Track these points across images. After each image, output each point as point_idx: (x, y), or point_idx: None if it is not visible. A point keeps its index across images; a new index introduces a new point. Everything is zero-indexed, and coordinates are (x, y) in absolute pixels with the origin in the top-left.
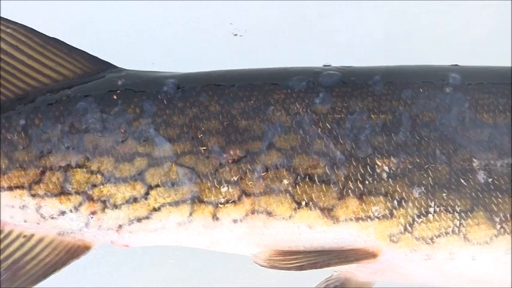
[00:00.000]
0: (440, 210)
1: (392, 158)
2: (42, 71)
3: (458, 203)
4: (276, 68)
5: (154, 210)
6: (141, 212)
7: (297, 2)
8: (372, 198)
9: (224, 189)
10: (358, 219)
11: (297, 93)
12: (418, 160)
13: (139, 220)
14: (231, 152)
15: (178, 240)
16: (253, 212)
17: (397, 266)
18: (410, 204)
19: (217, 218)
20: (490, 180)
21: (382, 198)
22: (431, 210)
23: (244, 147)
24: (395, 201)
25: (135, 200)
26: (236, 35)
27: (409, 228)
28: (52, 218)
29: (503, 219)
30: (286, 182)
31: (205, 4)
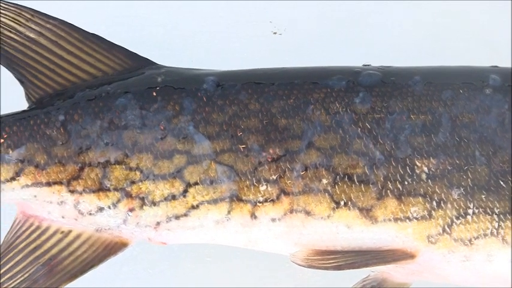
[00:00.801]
0: (479, 212)
1: (431, 159)
2: (82, 66)
3: (497, 205)
4: (316, 67)
5: (193, 208)
6: (179, 210)
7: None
8: (411, 199)
9: (263, 187)
10: (396, 220)
11: (336, 93)
12: (457, 161)
13: (177, 217)
14: (271, 151)
15: (216, 238)
16: (291, 211)
17: (435, 267)
18: (449, 205)
19: (256, 217)
20: None
21: (421, 199)
22: (470, 211)
23: (283, 146)
24: (434, 202)
25: (174, 198)
26: (276, 33)
27: (447, 229)
28: (90, 214)
29: None
30: (325, 181)
31: (245, 2)
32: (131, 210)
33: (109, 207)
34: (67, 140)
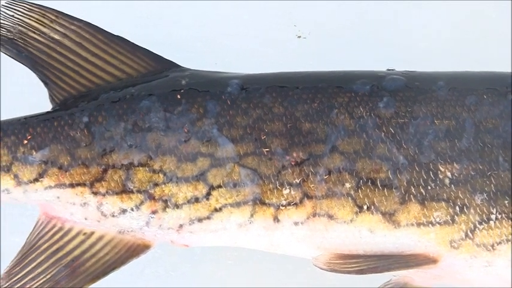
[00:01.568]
0: (501, 217)
1: (455, 164)
2: (106, 68)
3: None
4: (340, 71)
5: (216, 210)
6: (202, 212)
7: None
8: (434, 203)
9: (286, 191)
10: (419, 225)
11: (360, 97)
12: (480, 167)
13: (200, 220)
14: (294, 154)
15: (238, 241)
16: (314, 215)
17: (457, 272)
18: (472, 210)
19: (278, 220)
20: None
21: (444, 204)
22: (492, 217)
23: (307, 150)
24: (457, 207)
25: (197, 200)
26: (300, 37)
27: (470, 234)
28: (113, 216)
29: None
30: (348, 185)
31: (270, 6)
32: (154, 212)
33: (132, 209)
34: (91, 142)
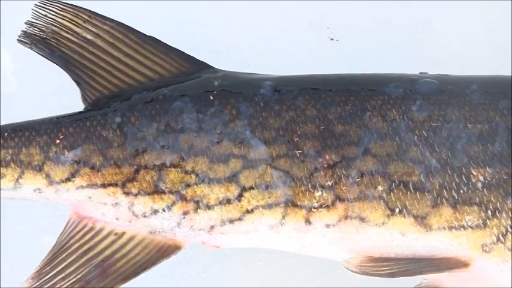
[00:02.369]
0: None
1: (487, 168)
2: (139, 69)
3: None
4: (373, 74)
5: (247, 212)
6: (234, 214)
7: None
8: (466, 207)
9: (318, 193)
10: (451, 228)
11: (394, 100)
12: None
13: (231, 221)
14: (327, 157)
15: (269, 242)
16: (346, 218)
17: (488, 276)
18: (504, 214)
19: (310, 222)
20: None
21: (476, 207)
22: None
23: (340, 152)
24: (489, 211)
25: (228, 202)
26: (333, 39)
27: (501, 238)
28: (144, 216)
29: None
30: (380, 188)
31: (303, 8)
32: (185, 213)
33: (163, 210)
34: (123, 142)
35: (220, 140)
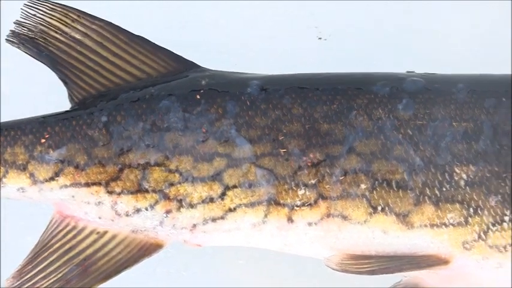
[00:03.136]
0: None
1: (471, 166)
2: (126, 68)
3: None
4: (360, 73)
5: (230, 210)
6: (217, 212)
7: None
8: (448, 205)
9: (301, 192)
10: (432, 226)
11: (380, 99)
12: (496, 169)
13: (214, 220)
14: (311, 155)
15: (251, 241)
16: (328, 216)
17: (468, 273)
18: (486, 212)
19: (292, 221)
20: None
21: (458, 205)
22: (506, 218)
23: (324, 151)
24: (471, 209)
25: (212, 200)
26: (321, 38)
27: (483, 236)
28: (127, 215)
29: None
30: (363, 186)
31: (291, 8)
32: (168, 212)
33: (146, 209)
34: (108, 141)
35: (206, 139)
